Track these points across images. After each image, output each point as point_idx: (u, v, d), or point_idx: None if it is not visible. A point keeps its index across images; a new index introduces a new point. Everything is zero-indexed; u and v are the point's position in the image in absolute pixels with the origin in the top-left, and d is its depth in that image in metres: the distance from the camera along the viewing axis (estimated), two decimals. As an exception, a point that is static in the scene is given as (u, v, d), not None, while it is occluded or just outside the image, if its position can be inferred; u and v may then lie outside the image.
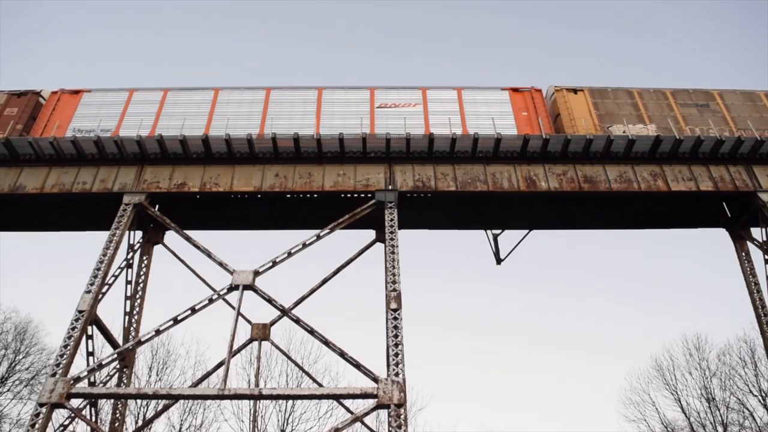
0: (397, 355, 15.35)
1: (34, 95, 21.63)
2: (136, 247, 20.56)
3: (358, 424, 15.28)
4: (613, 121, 20.96)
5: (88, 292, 16.93)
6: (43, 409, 14.54)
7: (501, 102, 21.46)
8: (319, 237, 18.42)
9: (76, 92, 21.83)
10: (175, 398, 18.99)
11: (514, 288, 73.99)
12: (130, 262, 20.30)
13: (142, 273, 20.71)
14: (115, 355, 16.95)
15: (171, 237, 20.92)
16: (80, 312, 16.46)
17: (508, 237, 22.70)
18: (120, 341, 19.56)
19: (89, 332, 17.66)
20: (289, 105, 21.21)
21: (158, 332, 16.82)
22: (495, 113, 20.94)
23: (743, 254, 20.77)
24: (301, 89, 21.74)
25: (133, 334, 19.92)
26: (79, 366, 18.77)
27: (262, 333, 18.38)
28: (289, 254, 18.07)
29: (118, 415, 19.33)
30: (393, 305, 16.35)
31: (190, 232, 18.76)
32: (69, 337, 15.88)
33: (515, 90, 21.85)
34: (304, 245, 18.25)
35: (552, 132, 20.51)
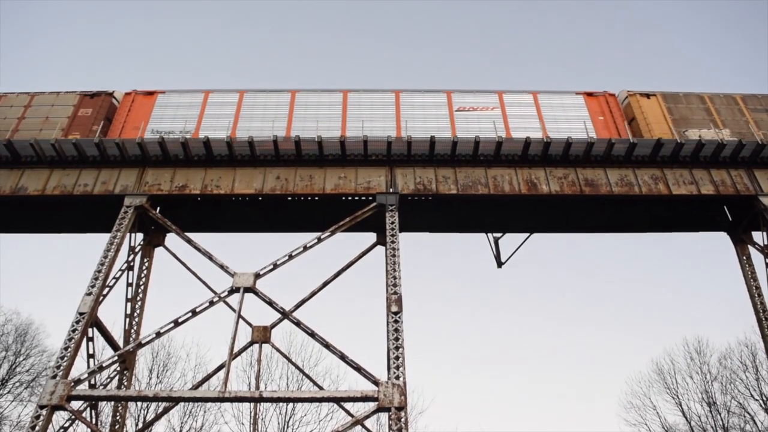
0: (397, 358, 15.33)
1: (108, 96, 21.58)
2: (137, 249, 20.56)
3: (358, 427, 15.22)
4: (689, 125, 21.08)
5: (89, 294, 16.93)
6: (44, 411, 14.53)
7: (577, 106, 21.66)
8: (319, 240, 18.42)
9: (151, 93, 21.77)
10: (175, 401, 18.93)
11: (515, 291, 73.96)
12: (131, 264, 20.29)
13: (143, 275, 20.70)
14: (116, 358, 16.93)
15: (172, 239, 20.95)
16: (81, 314, 16.46)
17: (509, 240, 22.74)
18: (120, 343, 19.55)
19: (90, 334, 17.65)
20: (368, 108, 21.29)
21: (159, 334, 16.81)
22: (572, 117, 21.15)
23: (744, 258, 20.77)
24: (379, 92, 21.81)
25: (133, 336, 19.90)
26: (79, 368, 18.71)
27: (262, 335, 18.38)
28: (290, 257, 18.07)
29: (118, 418, 19.31)
30: (394, 308, 16.33)
31: (191, 235, 18.75)
32: (70, 339, 15.88)
33: (589, 94, 22.11)
34: (305, 248, 18.25)
35: (629, 136, 20.53)
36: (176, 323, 16.89)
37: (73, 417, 16.88)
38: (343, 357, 15.98)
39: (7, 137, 20.01)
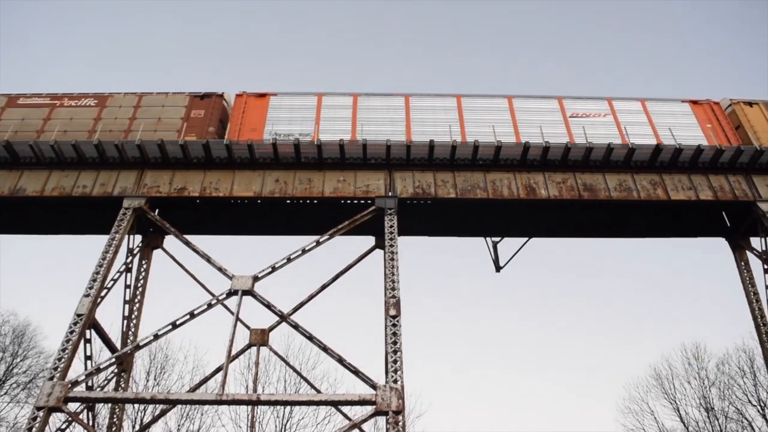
0: (395, 361, 15.32)
1: (218, 98, 21.51)
2: (135, 251, 20.56)
3: (356, 431, 15.21)
4: None
5: (87, 295, 16.91)
6: (41, 413, 14.49)
7: (684, 114, 21.81)
8: (318, 243, 18.42)
9: (262, 95, 21.64)
10: (172, 403, 18.93)
11: (513, 295, 73.95)
12: (130, 266, 20.28)
13: (141, 277, 20.69)
14: (113, 360, 16.92)
15: (170, 241, 20.93)
16: (79, 316, 16.44)
17: (508, 244, 22.75)
18: (118, 345, 19.53)
19: (87, 336, 17.61)
20: (480, 112, 21.31)
21: (157, 337, 16.79)
22: (682, 125, 21.25)
23: (742, 264, 20.79)
24: (494, 97, 21.89)
25: (131, 338, 19.89)
26: (77, 370, 18.68)
27: (260, 338, 18.39)
28: (289, 260, 18.07)
29: (115, 420, 19.27)
30: (392, 312, 16.33)
31: (189, 237, 18.74)
32: (67, 341, 15.85)
33: (694, 102, 22.25)
34: (304, 251, 18.24)
35: (737, 144, 20.65)
36: (174, 325, 16.87)
37: (70, 419, 16.84)
38: (341, 360, 15.97)
39: (121, 138, 19.93)
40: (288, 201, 20.35)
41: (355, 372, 15.55)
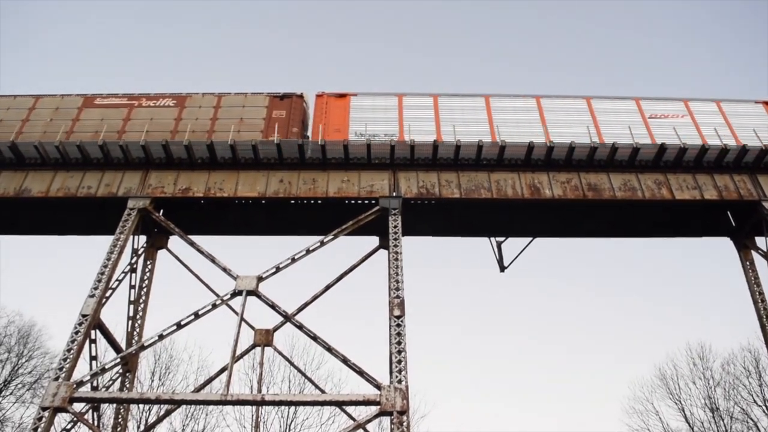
0: (400, 362, 15.31)
1: (298, 98, 21.45)
2: (140, 252, 20.61)
3: (360, 431, 15.20)
4: None
5: (92, 296, 16.95)
6: (46, 413, 14.53)
7: (759, 115, 21.83)
8: (322, 243, 18.43)
9: (342, 96, 21.57)
10: (177, 403, 18.97)
11: (517, 295, 73.87)
12: (134, 266, 20.34)
13: (145, 277, 20.74)
14: (118, 360, 16.95)
15: (175, 242, 21.01)
16: (84, 316, 16.48)
17: (512, 244, 22.74)
18: (123, 345, 19.57)
19: (92, 336, 17.66)
20: (559, 114, 21.35)
21: (161, 337, 16.82)
22: (757, 126, 21.19)
23: (748, 263, 20.71)
24: (570, 98, 21.95)
25: (136, 338, 19.93)
26: (82, 370, 18.79)
27: (265, 339, 18.40)
28: (293, 260, 18.08)
29: (120, 420, 19.32)
30: (396, 312, 16.32)
31: (194, 237, 18.78)
32: (72, 341, 15.89)
33: (766, 103, 22.28)
34: (308, 251, 18.25)
35: None
36: (179, 326, 16.90)
37: (75, 419, 16.87)
38: (345, 360, 15.97)
39: (205, 138, 19.97)
40: (292, 201, 20.36)
41: (360, 372, 15.54)
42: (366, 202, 19.90)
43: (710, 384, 34.97)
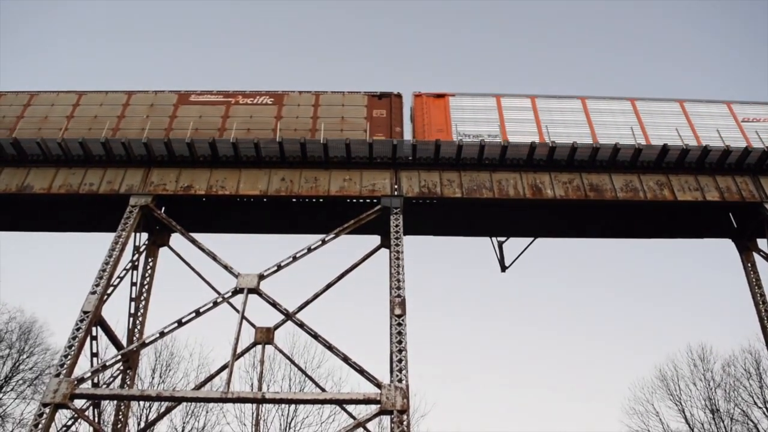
0: (400, 360, 15.33)
1: (397, 97, 21.62)
2: (141, 249, 20.62)
3: (360, 430, 15.21)
4: None
5: (94, 293, 16.98)
6: (47, 409, 14.57)
7: None
8: (324, 242, 18.44)
9: (440, 96, 21.65)
10: (178, 400, 18.98)
11: (518, 295, 73.85)
12: (136, 263, 20.35)
13: (147, 275, 20.75)
14: (119, 357, 16.97)
15: (176, 239, 20.99)
16: (85, 313, 16.50)
17: (514, 244, 22.72)
18: (124, 343, 19.59)
19: (94, 333, 17.71)
20: (657, 116, 21.49)
21: (162, 334, 16.86)
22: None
23: (749, 265, 20.71)
24: (665, 101, 22.04)
25: (137, 335, 19.95)
26: (83, 367, 18.86)
27: (265, 337, 18.41)
28: (294, 258, 18.09)
29: (120, 417, 19.35)
30: (397, 311, 16.34)
31: (195, 235, 18.78)
32: (73, 338, 15.92)
33: None
34: (309, 250, 18.27)
35: None
36: (180, 323, 16.94)
37: (75, 415, 16.92)
38: (345, 359, 15.98)
39: (308, 136, 20.10)
40: (294, 200, 20.36)
41: (360, 371, 15.56)
42: (368, 201, 19.90)
43: (711, 385, 34.95)
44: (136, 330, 20.10)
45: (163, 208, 20.56)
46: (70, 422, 18.45)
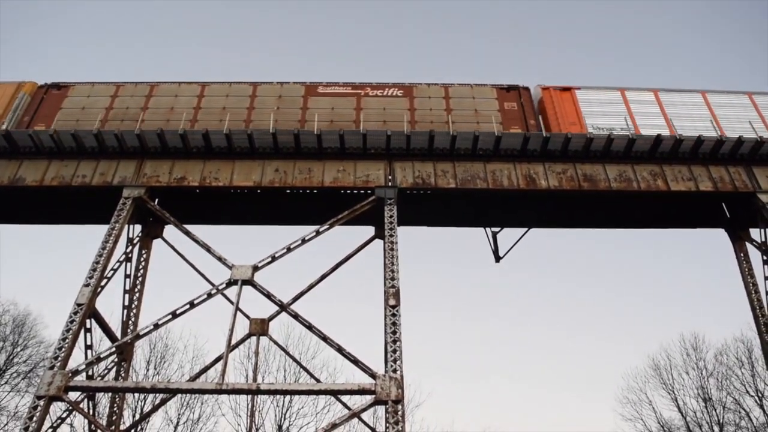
0: (395, 351, 15.36)
1: (525, 90, 21.82)
2: (135, 241, 20.55)
3: (355, 420, 15.30)
4: None
5: (87, 285, 16.92)
6: (41, 402, 14.53)
7: None
8: (318, 233, 18.42)
9: (566, 89, 21.67)
10: (172, 392, 18.99)
11: (512, 286, 74.08)
12: (129, 255, 20.28)
13: (141, 267, 20.70)
14: (114, 349, 16.97)
15: (170, 231, 20.90)
16: (79, 305, 16.46)
17: (507, 235, 22.77)
18: (118, 335, 19.57)
19: (88, 325, 17.63)
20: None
21: (157, 326, 16.83)
22: None
23: (742, 255, 20.78)
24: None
25: (131, 327, 19.92)
26: (77, 359, 18.77)
27: (260, 328, 18.40)
28: (288, 249, 18.07)
29: (115, 409, 19.35)
30: (391, 302, 16.36)
31: (189, 227, 18.73)
32: (67, 330, 15.89)
33: None
34: (304, 241, 18.25)
35: None
36: (174, 315, 16.91)
37: (70, 408, 16.92)
38: (340, 350, 16.02)
39: (445, 129, 20.03)
40: (288, 191, 20.32)
41: (355, 361, 15.60)
42: (362, 191, 19.86)
43: (703, 374, 35.27)
44: (130, 322, 20.07)
45: (157, 200, 20.46)
46: (64, 414, 18.48)
